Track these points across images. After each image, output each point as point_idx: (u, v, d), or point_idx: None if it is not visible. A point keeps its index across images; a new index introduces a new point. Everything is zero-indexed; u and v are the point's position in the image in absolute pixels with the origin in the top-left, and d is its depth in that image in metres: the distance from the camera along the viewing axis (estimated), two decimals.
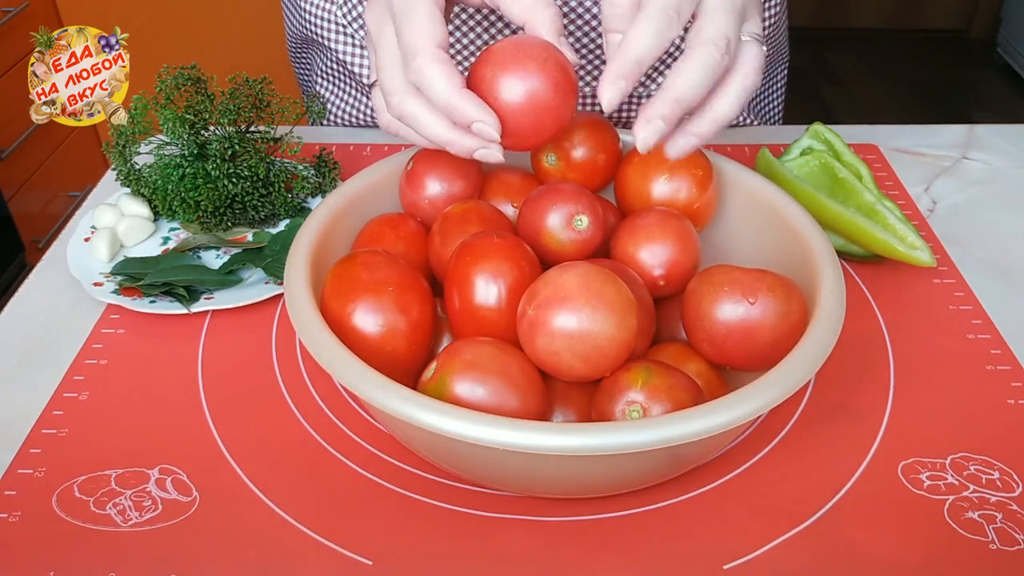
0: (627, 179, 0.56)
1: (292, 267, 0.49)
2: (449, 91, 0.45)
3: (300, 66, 0.90)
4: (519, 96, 0.46)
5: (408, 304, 0.47)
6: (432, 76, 0.45)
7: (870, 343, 0.58)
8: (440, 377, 0.43)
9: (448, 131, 0.47)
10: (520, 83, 0.46)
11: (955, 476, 0.49)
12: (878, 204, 0.64)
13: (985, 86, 2.95)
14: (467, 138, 0.47)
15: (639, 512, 0.47)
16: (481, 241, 0.48)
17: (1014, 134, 0.82)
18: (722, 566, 0.44)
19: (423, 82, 0.46)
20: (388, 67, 0.48)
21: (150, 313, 0.60)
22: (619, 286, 0.44)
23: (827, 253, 0.50)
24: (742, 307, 0.46)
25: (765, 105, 0.88)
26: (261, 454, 0.51)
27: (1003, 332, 0.59)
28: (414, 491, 0.48)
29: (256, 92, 0.67)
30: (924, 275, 0.64)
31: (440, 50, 0.46)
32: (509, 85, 0.46)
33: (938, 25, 3.30)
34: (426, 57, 0.45)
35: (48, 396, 0.54)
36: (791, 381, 0.42)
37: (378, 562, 0.45)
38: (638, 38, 0.45)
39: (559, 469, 0.43)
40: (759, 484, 0.49)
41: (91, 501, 0.48)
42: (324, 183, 0.71)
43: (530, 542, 0.46)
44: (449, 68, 0.46)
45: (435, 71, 0.45)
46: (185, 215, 0.67)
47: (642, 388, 0.43)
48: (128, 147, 0.67)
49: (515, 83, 0.46)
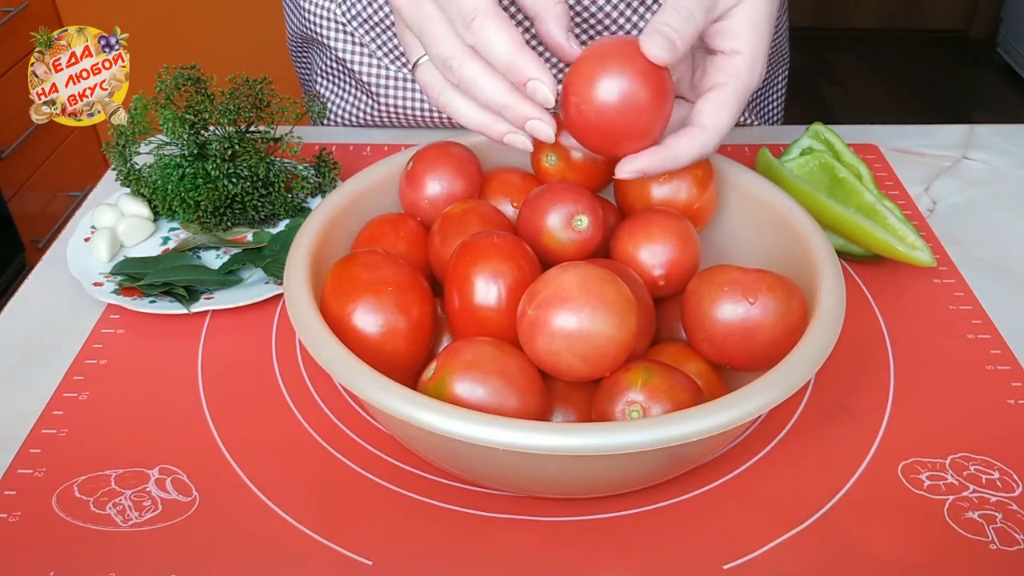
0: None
1: (292, 267, 0.49)
2: (511, 47, 0.46)
3: (301, 66, 0.90)
4: (613, 96, 0.46)
5: (408, 304, 0.47)
6: (493, 34, 0.46)
7: (870, 343, 0.58)
8: (440, 377, 0.43)
9: (507, 94, 0.47)
10: (615, 83, 0.46)
11: (955, 476, 0.49)
12: (878, 204, 0.64)
13: (985, 86, 2.95)
14: (523, 103, 0.47)
15: (639, 512, 0.47)
16: (481, 241, 0.48)
17: (1014, 134, 0.82)
18: (722, 566, 0.44)
19: (484, 41, 0.46)
20: (441, 36, 0.48)
21: (150, 313, 0.60)
22: (619, 286, 0.44)
23: (827, 253, 0.50)
24: (742, 307, 0.46)
25: (765, 105, 0.88)
26: (261, 454, 0.51)
27: (1003, 332, 0.59)
28: (414, 491, 0.48)
29: (256, 92, 0.67)
30: (924, 275, 0.64)
31: (499, 8, 0.46)
32: (604, 85, 0.46)
33: (938, 25, 3.30)
34: (487, 15, 0.46)
35: (48, 396, 0.54)
36: (791, 381, 0.42)
37: (378, 562, 0.45)
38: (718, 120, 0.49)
39: (559, 469, 0.43)
40: (759, 484, 0.49)
41: (91, 501, 0.48)
42: (324, 183, 0.71)
43: (530, 542, 0.46)
44: (509, 25, 0.46)
45: (496, 28, 0.46)
46: (185, 215, 0.67)
47: (642, 388, 0.43)
48: (128, 147, 0.67)
49: (611, 83, 0.46)
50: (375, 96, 0.80)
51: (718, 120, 0.49)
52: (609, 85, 0.46)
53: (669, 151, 0.48)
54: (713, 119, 0.49)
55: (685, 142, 0.49)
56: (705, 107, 0.49)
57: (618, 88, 0.46)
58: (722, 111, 0.49)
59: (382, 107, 0.81)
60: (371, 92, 0.80)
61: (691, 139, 0.49)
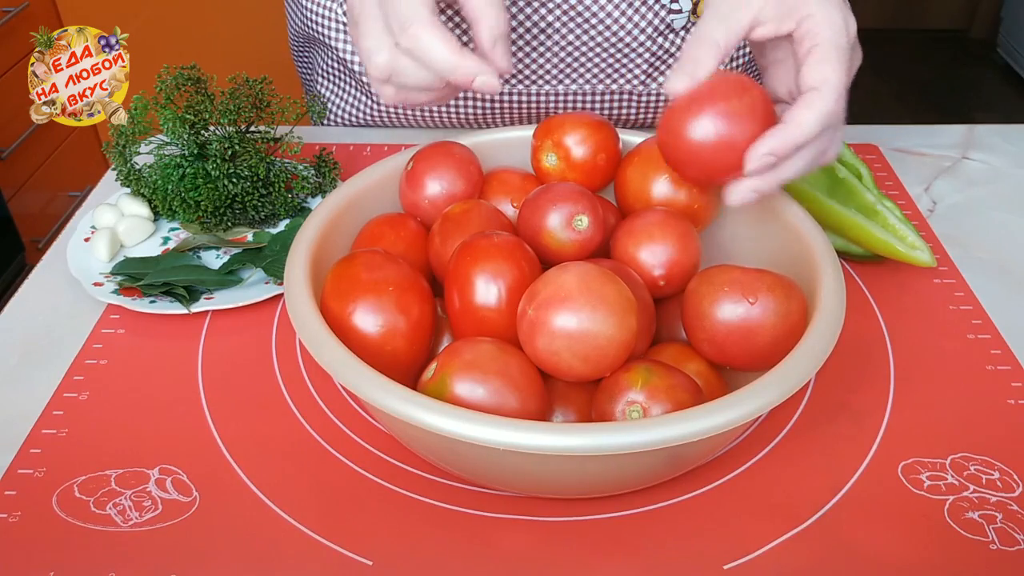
0: (627, 179, 0.56)
1: (292, 267, 0.49)
2: (449, 53, 0.47)
3: (302, 65, 0.90)
4: (709, 135, 0.47)
5: (408, 304, 0.47)
6: (430, 41, 0.47)
7: (870, 343, 0.58)
8: (440, 377, 0.43)
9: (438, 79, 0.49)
10: (706, 125, 0.47)
11: (955, 476, 0.49)
12: (878, 204, 0.64)
13: (985, 86, 2.95)
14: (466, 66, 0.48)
15: (639, 512, 0.47)
16: (481, 241, 0.48)
17: (1014, 134, 0.82)
18: (722, 566, 0.44)
19: (423, 46, 0.47)
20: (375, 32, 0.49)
21: (150, 313, 0.60)
22: (619, 286, 0.44)
23: (827, 253, 0.50)
24: (742, 307, 0.46)
25: None
26: (261, 454, 0.51)
27: (1003, 332, 0.59)
28: (414, 491, 0.48)
29: (256, 92, 0.67)
30: (924, 275, 0.64)
31: (435, 17, 0.47)
32: (696, 127, 0.48)
33: (938, 25, 3.30)
34: (423, 24, 0.47)
35: (48, 396, 0.54)
36: (791, 381, 0.42)
37: (378, 562, 0.45)
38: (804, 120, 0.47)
39: (559, 469, 0.43)
40: (759, 484, 0.49)
41: (91, 501, 0.48)
42: (324, 183, 0.71)
43: (530, 542, 0.46)
44: (446, 32, 0.47)
45: (432, 36, 0.47)
46: (185, 215, 0.67)
47: (642, 388, 0.43)
48: (128, 147, 0.67)
49: (705, 123, 0.47)
50: (375, 96, 0.80)
51: (826, 75, 0.47)
52: (701, 127, 0.48)
53: (788, 126, 0.47)
54: (820, 75, 0.47)
55: (802, 110, 0.47)
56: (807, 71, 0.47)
57: (711, 130, 0.47)
58: (824, 66, 0.47)
59: (382, 107, 0.81)
60: (371, 92, 0.80)
61: (806, 105, 0.47)
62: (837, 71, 0.47)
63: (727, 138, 0.47)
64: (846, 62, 0.48)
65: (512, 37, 0.74)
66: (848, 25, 0.49)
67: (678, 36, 0.74)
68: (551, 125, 0.57)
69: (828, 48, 0.47)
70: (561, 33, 0.74)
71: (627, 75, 0.76)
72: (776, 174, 0.48)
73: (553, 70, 0.76)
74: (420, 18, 0.47)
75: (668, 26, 0.73)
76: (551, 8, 0.72)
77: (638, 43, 0.74)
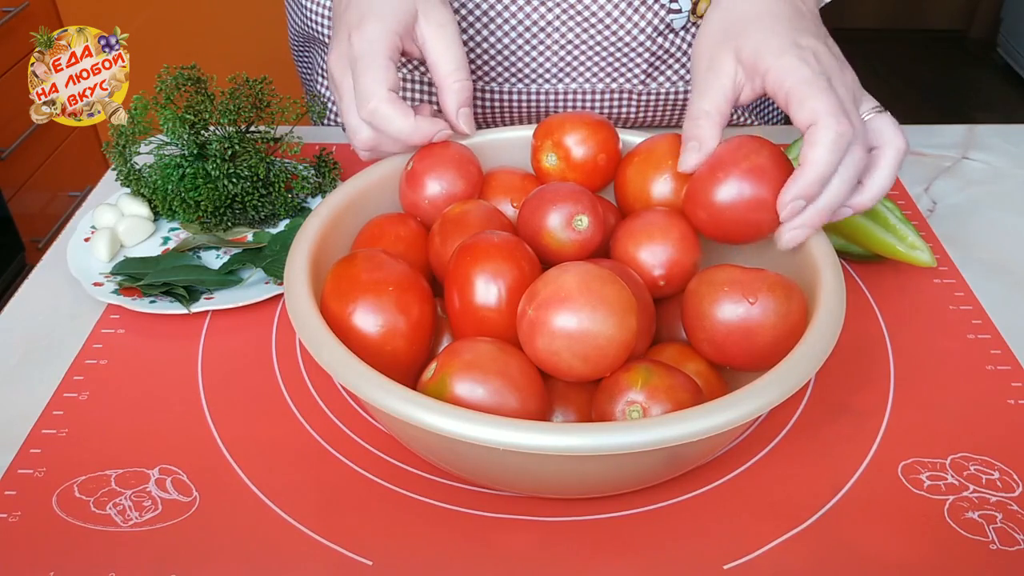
0: (627, 179, 0.56)
1: (292, 267, 0.49)
2: (408, 126, 0.54)
3: (302, 65, 0.90)
4: (736, 197, 0.49)
5: (408, 304, 0.47)
6: (388, 114, 0.54)
7: (870, 343, 0.58)
8: (440, 377, 0.43)
9: (410, 131, 0.55)
10: (734, 186, 0.49)
11: (955, 476, 0.49)
12: (878, 204, 0.64)
13: (985, 86, 2.95)
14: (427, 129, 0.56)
15: (639, 512, 0.47)
16: (481, 241, 0.48)
17: (1014, 134, 0.82)
18: (722, 566, 0.44)
19: (380, 121, 0.54)
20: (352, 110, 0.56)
21: (150, 313, 0.60)
22: (619, 286, 0.44)
23: (827, 253, 0.50)
24: (742, 307, 0.46)
25: (765, 105, 0.88)
26: (261, 454, 0.51)
27: (1003, 332, 0.59)
28: (414, 491, 0.48)
29: (256, 92, 0.67)
30: (924, 275, 0.64)
31: (392, 93, 0.54)
32: (725, 189, 0.49)
33: (938, 25, 3.30)
34: (381, 101, 0.54)
35: (48, 396, 0.54)
36: (791, 381, 0.42)
37: (378, 562, 0.45)
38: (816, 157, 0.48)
39: (559, 469, 0.43)
40: (759, 484, 0.49)
41: (91, 501, 0.48)
42: (324, 183, 0.71)
43: (530, 542, 0.46)
44: (402, 106, 0.54)
45: (391, 111, 0.54)
46: (185, 215, 0.67)
47: (642, 388, 0.43)
48: (128, 147, 0.67)
49: (730, 186, 0.49)
50: None
51: (813, 109, 0.48)
52: (726, 191, 0.49)
53: (804, 167, 0.48)
54: (808, 113, 0.48)
55: (809, 149, 0.48)
56: (795, 116, 0.49)
57: (736, 191, 0.49)
58: (806, 104, 0.48)
59: None
60: None
61: (811, 144, 0.47)
62: (821, 99, 0.48)
63: (755, 196, 0.49)
64: (824, 85, 0.49)
65: (512, 36, 0.74)
66: (806, 55, 0.50)
67: (677, 36, 0.74)
68: (551, 125, 0.57)
69: (799, 88, 0.49)
70: (561, 32, 0.74)
71: (627, 74, 0.76)
72: (815, 210, 0.49)
73: (553, 69, 0.76)
74: (378, 95, 0.54)
75: (668, 26, 0.73)
76: (551, 7, 0.72)
77: (638, 43, 0.74)
